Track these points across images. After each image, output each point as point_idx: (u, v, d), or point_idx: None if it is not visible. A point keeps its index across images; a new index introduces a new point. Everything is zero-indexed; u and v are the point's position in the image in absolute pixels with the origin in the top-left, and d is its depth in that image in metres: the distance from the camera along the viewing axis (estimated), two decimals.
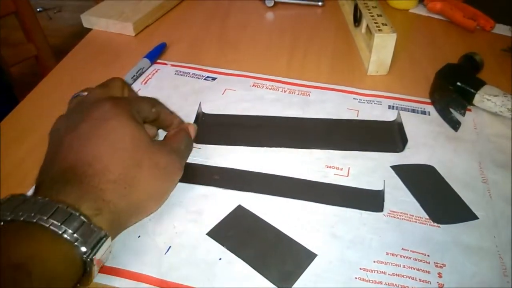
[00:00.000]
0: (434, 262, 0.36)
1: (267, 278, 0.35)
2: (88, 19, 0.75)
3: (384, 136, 0.50)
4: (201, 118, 0.53)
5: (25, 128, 0.51)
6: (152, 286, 0.35)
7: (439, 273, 0.36)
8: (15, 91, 1.23)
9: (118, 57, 0.67)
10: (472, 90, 0.52)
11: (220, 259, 0.37)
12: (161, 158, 0.38)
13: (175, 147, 0.42)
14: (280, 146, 0.48)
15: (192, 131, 0.46)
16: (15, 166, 0.46)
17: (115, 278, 0.35)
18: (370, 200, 0.42)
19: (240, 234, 0.39)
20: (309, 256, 0.37)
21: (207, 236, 0.38)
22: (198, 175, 0.45)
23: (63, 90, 0.58)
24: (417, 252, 0.37)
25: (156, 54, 0.65)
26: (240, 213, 0.41)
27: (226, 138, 0.50)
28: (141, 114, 0.40)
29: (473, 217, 0.40)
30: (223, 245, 0.38)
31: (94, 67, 0.64)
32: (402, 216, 0.40)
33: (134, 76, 0.59)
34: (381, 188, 0.43)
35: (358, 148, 0.48)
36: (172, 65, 0.64)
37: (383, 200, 0.42)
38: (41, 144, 0.38)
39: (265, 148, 0.48)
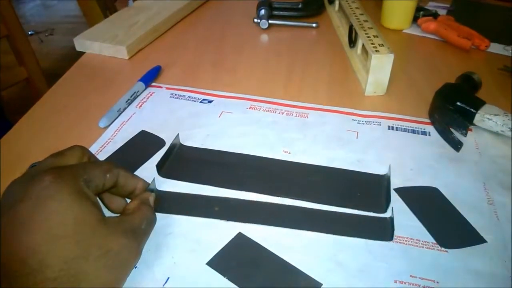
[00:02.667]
0: None
1: None
2: (81, 43, 0.74)
3: (370, 192, 0.45)
4: (177, 149, 0.50)
5: (19, 154, 0.50)
6: None
7: None
8: (6, 114, 1.22)
9: (112, 80, 0.66)
10: (472, 110, 0.52)
11: None
12: (113, 242, 0.32)
13: (134, 225, 0.35)
14: (256, 192, 0.44)
15: (152, 201, 0.40)
16: None
17: None
18: (377, 228, 0.41)
19: (242, 264, 0.37)
20: (315, 286, 0.35)
21: (207, 266, 0.37)
22: (197, 207, 0.43)
23: (56, 115, 0.57)
24: (426, 279, 0.36)
25: (150, 77, 0.64)
26: (241, 241, 0.39)
27: (199, 176, 0.46)
28: (92, 183, 0.34)
29: (481, 240, 0.39)
30: (224, 276, 0.36)
31: (88, 91, 0.63)
32: (409, 241, 0.39)
33: (128, 99, 0.58)
34: (389, 215, 0.42)
35: (340, 204, 0.43)
36: (168, 88, 0.63)
37: (393, 229, 0.40)
38: None
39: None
